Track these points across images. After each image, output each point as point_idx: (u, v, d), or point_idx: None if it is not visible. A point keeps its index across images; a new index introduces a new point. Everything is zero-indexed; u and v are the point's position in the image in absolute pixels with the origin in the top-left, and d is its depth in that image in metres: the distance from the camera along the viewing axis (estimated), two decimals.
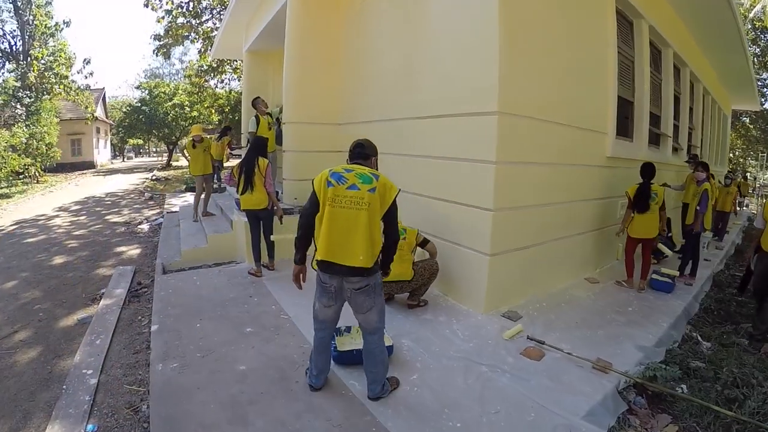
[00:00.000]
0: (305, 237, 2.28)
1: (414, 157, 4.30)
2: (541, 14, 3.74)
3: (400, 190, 2.31)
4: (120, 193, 13.03)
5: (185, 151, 6.50)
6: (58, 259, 5.66)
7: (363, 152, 2.37)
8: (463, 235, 3.78)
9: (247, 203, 4.24)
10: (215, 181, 8.14)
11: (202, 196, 6.40)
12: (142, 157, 41.90)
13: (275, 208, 4.40)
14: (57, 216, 9.14)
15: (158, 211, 9.37)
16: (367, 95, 5.10)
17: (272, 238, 4.36)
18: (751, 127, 20.59)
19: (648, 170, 4.44)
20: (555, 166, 4.14)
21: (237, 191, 4.33)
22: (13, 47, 20.42)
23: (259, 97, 6.10)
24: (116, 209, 9.87)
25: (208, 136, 7.29)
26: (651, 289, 4.37)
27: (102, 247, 6.20)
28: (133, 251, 5.95)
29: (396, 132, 4.56)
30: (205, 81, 19.86)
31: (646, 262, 4.43)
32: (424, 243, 3.71)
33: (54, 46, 21.00)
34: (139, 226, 7.53)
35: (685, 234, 5.16)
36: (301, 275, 2.39)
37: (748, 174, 20.20)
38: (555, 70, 3.97)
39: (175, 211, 8.35)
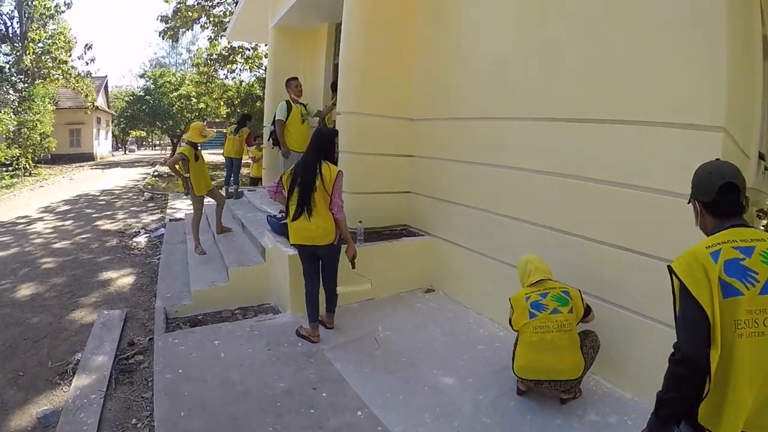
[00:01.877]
0: (686, 398, 1.16)
1: (556, 176, 2.84)
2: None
3: None
4: (117, 191, 11.56)
5: (178, 165, 4.28)
6: (26, 290, 4.19)
7: (740, 204, 1.26)
8: (642, 299, 2.43)
9: (301, 235, 2.73)
10: (232, 185, 6.67)
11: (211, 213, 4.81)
12: (145, 149, 40.44)
13: (345, 241, 2.87)
14: (40, 219, 7.68)
15: (159, 216, 7.89)
16: (463, 81, 3.62)
17: (338, 290, 2.88)
18: None
19: None
20: None
21: (286, 214, 2.81)
22: (9, 28, 19.00)
23: (296, 78, 4.62)
24: (110, 212, 8.39)
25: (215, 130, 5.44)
26: None
27: (85, 271, 4.71)
28: (124, 279, 4.47)
29: (521, 137, 3.09)
30: (215, 71, 18.39)
31: None
32: (587, 311, 2.36)
33: (54, 29, 19.64)
34: (134, 239, 6.04)
35: None
36: None
37: None
38: (742, 79, 2.65)
39: (180, 219, 6.86)
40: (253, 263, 3.68)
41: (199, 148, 4.38)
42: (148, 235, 6.21)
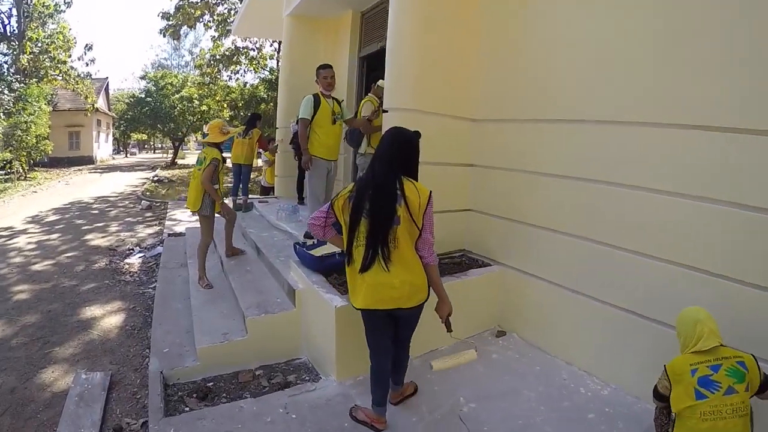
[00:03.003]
0: None
1: (708, 203, 1.99)
2: None
3: None
4: (112, 198, 10.71)
5: (208, 178, 3.29)
6: None
7: None
8: None
9: (380, 296, 1.78)
10: (240, 195, 5.82)
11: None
12: (147, 152, 39.70)
13: (436, 294, 1.92)
14: (24, 232, 6.83)
15: (156, 229, 7.03)
16: (552, 72, 2.76)
17: (434, 365, 1.97)
18: None
19: None
20: None
21: (349, 259, 1.85)
22: (7, 27, 18.31)
23: (327, 66, 3.73)
24: (102, 223, 7.52)
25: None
26: None
27: (64, 305, 3.83)
28: (110, 319, 3.58)
29: (650, 149, 2.23)
30: (218, 72, 17.62)
31: None
32: (766, 383, 1.61)
33: (54, 28, 19.00)
34: (126, 260, 5.16)
35: None
36: None
37: None
38: None
39: (181, 234, 5.96)
40: (279, 309, 2.80)
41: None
42: (142, 254, 5.33)
